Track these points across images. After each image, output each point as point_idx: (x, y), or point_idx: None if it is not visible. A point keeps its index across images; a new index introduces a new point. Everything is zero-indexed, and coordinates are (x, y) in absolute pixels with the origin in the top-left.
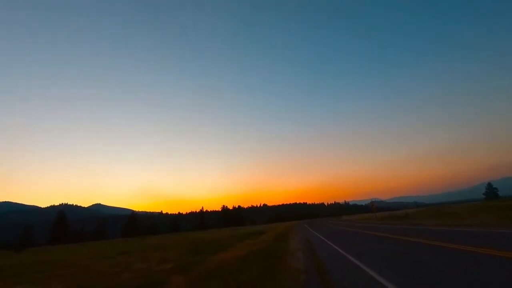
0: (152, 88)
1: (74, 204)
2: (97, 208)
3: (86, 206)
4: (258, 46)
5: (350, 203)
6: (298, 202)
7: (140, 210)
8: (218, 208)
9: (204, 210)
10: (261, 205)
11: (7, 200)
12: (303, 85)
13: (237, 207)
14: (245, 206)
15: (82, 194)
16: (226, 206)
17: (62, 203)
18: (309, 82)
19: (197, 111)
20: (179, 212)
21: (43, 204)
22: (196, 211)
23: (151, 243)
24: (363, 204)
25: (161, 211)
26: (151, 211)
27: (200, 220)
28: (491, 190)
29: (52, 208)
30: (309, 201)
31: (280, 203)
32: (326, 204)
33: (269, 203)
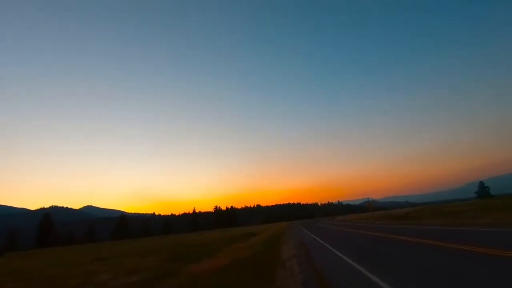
0: (145, 89)
1: (65, 206)
2: (89, 210)
3: (77, 208)
4: (251, 45)
5: (344, 203)
6: (291, 202)
7: (132, 212)
8: (211, 209)
9: (197, 211)
10: (255, 205)
11: None
12: (296, 85)
13: (230, 207)
14: (239, 207)
15: (73, 196)
16: (219, 207)
17: (52, 206)
18: (303, 82)
19: (190, 111)
20: (171, 214)
21: (32, 207)
22: (189, 213)
23: (136, 247)
24: (356, 204)
25: (154, 212)
26: (144, 212)
27: (192, 222)
28: (483, 189)
29: (42, 210)
30: (302, 201)
31: (274, 204)
32: (319, 204)
33: (263, 204)
